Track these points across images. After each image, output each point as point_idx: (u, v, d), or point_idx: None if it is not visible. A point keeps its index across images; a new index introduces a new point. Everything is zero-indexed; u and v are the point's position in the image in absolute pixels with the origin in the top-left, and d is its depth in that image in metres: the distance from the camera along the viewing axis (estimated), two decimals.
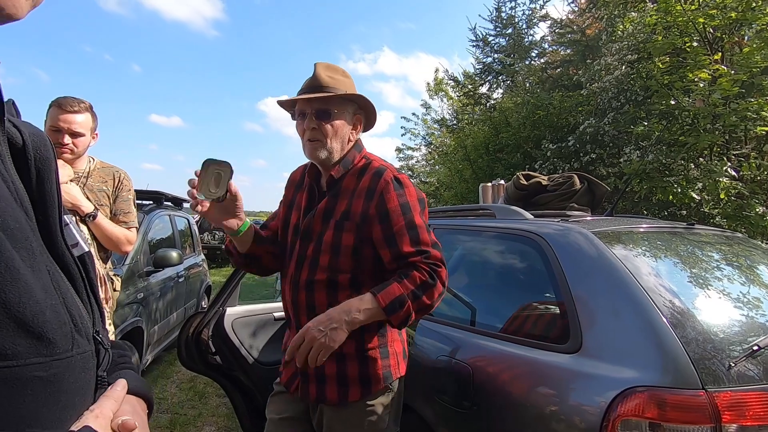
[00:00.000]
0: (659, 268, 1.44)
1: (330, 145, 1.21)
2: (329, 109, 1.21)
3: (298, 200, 1.33)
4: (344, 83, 1.24)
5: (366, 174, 1.23)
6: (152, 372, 3.72)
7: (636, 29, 5.19)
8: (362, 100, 1.27)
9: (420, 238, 1.16)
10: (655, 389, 1.01)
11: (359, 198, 1.21)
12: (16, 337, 0.39)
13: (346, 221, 1.20)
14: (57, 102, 1.68)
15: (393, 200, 1.17)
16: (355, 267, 1.20)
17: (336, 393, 1.19)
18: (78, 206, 1.67)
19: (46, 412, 0.42)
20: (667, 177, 4.28)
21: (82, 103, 1.70)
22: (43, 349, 0.41)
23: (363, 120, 1.31)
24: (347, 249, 1.19)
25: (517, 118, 7.11)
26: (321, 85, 1.21)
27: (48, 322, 0.42)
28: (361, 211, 1.19)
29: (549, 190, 2.13)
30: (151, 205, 3.85)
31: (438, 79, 12.46)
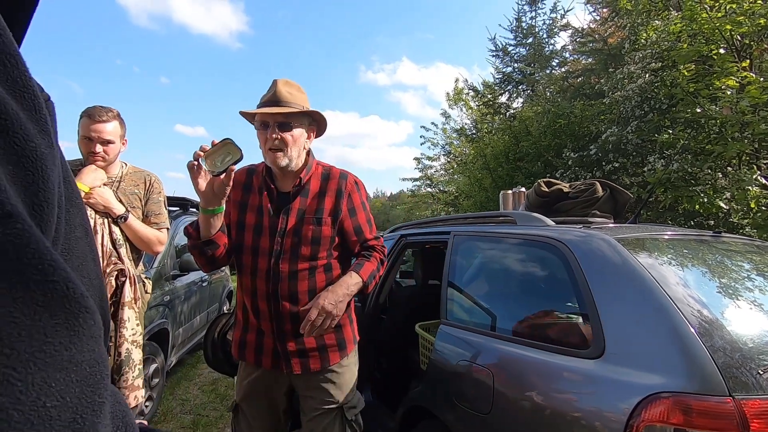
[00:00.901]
0: (684, 275, 1.42)
1: (290, 153, 1.39)
2: (289, 122, 1.38)
3: (252, 201, 1.46)
4: (301, 98, 1.42)
5: (332, 178, 1.47)
6: (176, 374, 3.81)
7: (660, 37, 5.12)
8: (316, 114, 1.45)
9: (373, 227, 1.54)
10: (681, 395, 1.00)
11: (330, 198, 1.45)
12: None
13: (322, 217, 1.43)
14: (87, 112, 1.75)
15: (357, 199, 1.49)
16: (329, 254, 1.45)
17: (319, 362, 1.44)
18: (110, 208, 1.76)
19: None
20: (693, 186, 4.18)
21: (110, 112, 1.78)
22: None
23: (315, 130, 1.50)
24: (327, 240, 1.43)
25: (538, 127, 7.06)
26: (281, 100, 1.38)
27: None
28: (333, 208, 1.44)
29: (571, 197, 2.12)
30: (177, 211, 3.98)
31: (458, 88, 12.50)
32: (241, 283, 1.47)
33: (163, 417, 3.00)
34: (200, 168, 1.21)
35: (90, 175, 1.73)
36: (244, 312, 1.49)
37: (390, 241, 2.73)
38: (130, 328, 1.79)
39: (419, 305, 2.78)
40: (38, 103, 0.25)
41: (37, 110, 0.25)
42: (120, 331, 1.75)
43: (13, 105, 0.23)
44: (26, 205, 0.23)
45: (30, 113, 0.24)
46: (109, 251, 1.75)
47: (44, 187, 0.25)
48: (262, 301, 1.41)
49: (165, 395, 3.28)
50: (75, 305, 0.23)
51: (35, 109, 0.25)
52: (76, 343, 0.22)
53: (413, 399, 1.88)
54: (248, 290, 1.44)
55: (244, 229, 1.44)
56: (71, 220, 0.35)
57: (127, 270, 1.79)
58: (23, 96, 0.24)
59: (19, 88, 0.24)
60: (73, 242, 0.34)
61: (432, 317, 2.34)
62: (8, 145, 0.22)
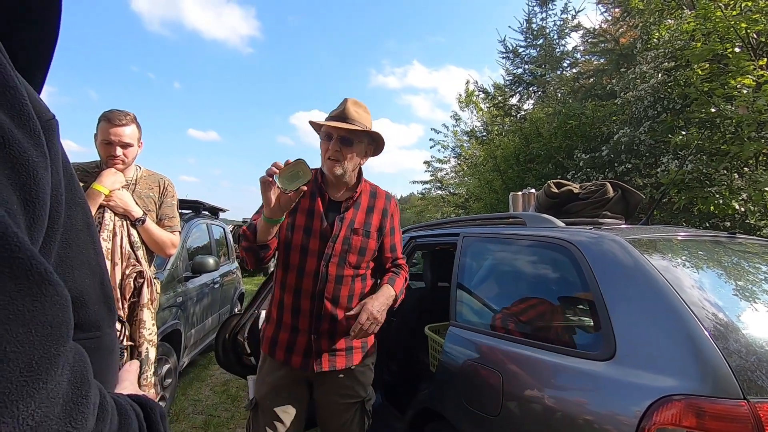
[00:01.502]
0: (698, 277, 1.40)
1: (346, 165, 1.50)
2: (351, 138, 1.50)
3: (304, 204, 1.55)
4: (365, 119, 1.53)
5: (379, 198, 1.63)
6: (188, 375, 3.85)
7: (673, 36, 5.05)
8: (376, 135, 1.56)
9: (402, 248, 1.74)
10: (694, 398, 0.98)
11: (377, 215, 1.61)
12: (104, 311, 0.46)
13: (370, 230, 1.57)
14: (106, 117, 1.77)
15: (397, 220, 1.67)
16: (367, 265, 1.58)
17: (344, 361, 1.55)
18: (129, 211, 1.79)
19: (108, 372, 0.49)
20: (709, 187, 4.11)
21: (128, 116, 1.81)
22: (111, 321, 0.48)
23: (373, 149, 1.62)
24: (370, 252, 1.57)
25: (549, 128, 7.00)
26: (348, 117, 1.49)
27: (113, 297, 0.50)
28: (380, 225, 1.60)
29: (581, 198, 2.10)
30: (190, 214, 4.03)
31: (469, 90, 12.47)
32: (284, 281, 1.53)
33: (176, 417, 3.03)
34: (273, 183, 1.30)
35: (110, 179, 1.76)
36: (280, 310, 1.55)
37: None
38: (148, 329, 1.82)
39: (429, 307, 2.78)
40: (33, 123, 0.32)
41: (31, 129, 0.32)
42: (140, 332, 1.79)
43: (10, 126, 0.30)
44: (20, 200, 0.30)
45: (25, 131, 0.32)
46: (127, 253, 1.78)
47: (35, 187, 0.32)
48: (305, 299, 1.50)
49: (177, 395, 3.31)
50: (37, 277, 0.28)
51: (30, 128, 0.32)
52: (38, 306, 0.28)
53: (422, 401, 1.87)
54: (292, 288, 1.51)
55: (294, 230, 1.52)
56: (73, 215, 0.42)
57: (146, 272, 1.83)
58: (20, 118, 0.31)
59: (17, 113, 0.31)
60: (74, 234, 0.42)
61: (441, 319, 2.33)
62: (6, 155, 0.29)
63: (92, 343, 0.44)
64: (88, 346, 0.43)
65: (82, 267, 0.42)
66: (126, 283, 1.75)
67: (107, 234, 1.73)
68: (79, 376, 0.32)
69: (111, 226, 1.74)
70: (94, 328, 0.44)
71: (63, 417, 0.29)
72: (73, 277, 0.41)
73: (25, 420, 0.26)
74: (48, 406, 0.28)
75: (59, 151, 0.38)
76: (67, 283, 0.40)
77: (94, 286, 0.44)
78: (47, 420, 0.27)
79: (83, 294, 0.42)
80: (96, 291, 0.44)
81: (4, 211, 0.28)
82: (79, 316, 0.42)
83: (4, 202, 0.28)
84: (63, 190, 0.38)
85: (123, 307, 1.75)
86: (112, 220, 1.75)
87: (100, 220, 1.73)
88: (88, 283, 0.43)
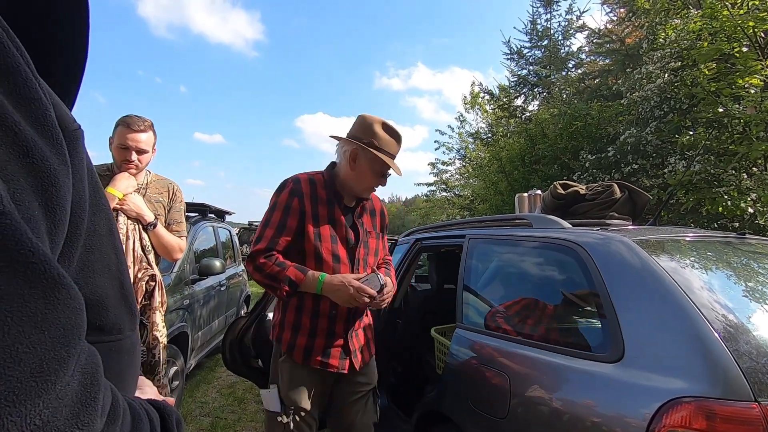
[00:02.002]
0: (707, 278, 1.38)
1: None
2: (390, 174, 1.68)
3: (323, 212, 1.57)
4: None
5: (375, 199, 1.76)
6: (194, 377, 3.87)
7: (679, 36, 5.01)
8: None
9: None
10: (704, 400, 0.97)
11: (378, 216, 1.75)
12: (124, 314, 0.47)
13: (378, 231, 1.72)
14: (125, 121, 1.80)
15: (387, 219, 1.81)
16: (377, 264, 1.70)
17: (368, 354, 1.67)
18: (142, 215, 1.81)
19: (129, 375, 0.50)
20: (717, 188, 4.07)
21: (145, 122, 1.83)
22: (132, 324, 0.49)
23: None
24: (381, 252, 1.73)
25: (554, 129, 6.97)
26: (395, 156, 1.65)
27: (134, 301, 0.50)
28: (381, 225, 1.75)
29: (587, 200, 2.09)
30: (196, 217, 4.06)
31: (474, 92, 12.46)
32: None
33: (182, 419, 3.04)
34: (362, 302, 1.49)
35: (123, 183, 1.78)
36: (314, 317, 1.54)
37: (405, 244, 2.73)
38: (159, 331, 1.85)
39: (434, 309, 2.77)
40: (56, 133, 0.34)
41: (54, 139, 0.34)
42: (153, 334, 1.81)
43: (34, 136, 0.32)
44: (41, 206, 0.32)
45: (48, 141, 0.33)
46: (139, 256, 1.80)
47: (56, 194, 0.33)
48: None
49: (184, 398, 3.33)
50: (51, 281, 0.29)
51: (53, 138, 0.34)
52: (51, 309, 0.29)
53: (429, 403, 1.87)
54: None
55: (321, 240, 1.54)
56: (96, 221, 0.43)
57: (157, 275, 1.85)
58: (43, 129, 0.33)
59: (40, 124, 0.33)
60: (96, 239, 0.43)
61: (447, 321, 2.33)
62: (28, 164, 0.31)
63: (114, 346, 0.45)
64: (110, 349, 0.44)
65: (103, 271, 0.43)
66: (138, 286, 1.77)
67: (122, 238, 1.75)
68: (89, 378, 0.33)
69: (124, 229, 1.76)
70: (115, 331, 0.45)
71: (70, 418, 0.29)
72: (94, 281, 0.42)
73: (33, 420, 0.26)
74: (56, 407, 0.28)
75: (83, 160, 0.39)
76: (88, 287, 0.41)
77: (115, 290, 0.45)
78: (54, 420, 0.28)
79: (104, 298, 0.43)
80: (116, 294, 0.45)
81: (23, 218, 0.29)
82: (101, 320, 0.43)
83: (26, 209, 0.30)
84: (87, 197, 0.39)
85: None
86: (126, 224, 1.77)
87: None
88: (109, 286, 0.44)
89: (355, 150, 1.58)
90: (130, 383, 0.50)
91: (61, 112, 0.37)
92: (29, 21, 0.40)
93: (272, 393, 1.56)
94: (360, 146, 1.56)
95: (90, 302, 0.41)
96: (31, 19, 0.40)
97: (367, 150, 1.55)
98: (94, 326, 0.42)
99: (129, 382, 0.50)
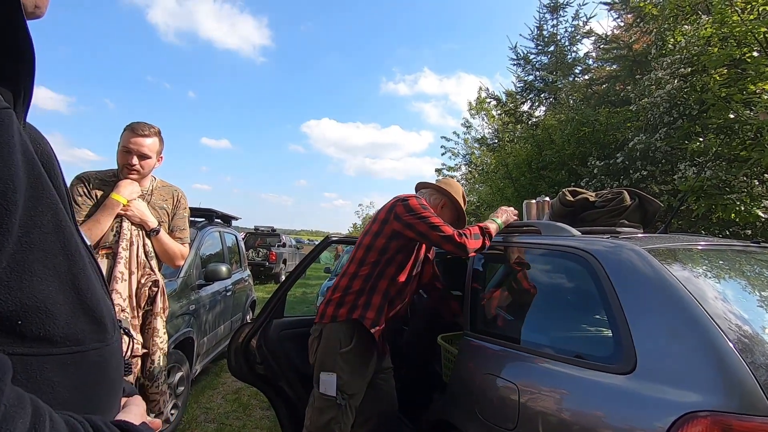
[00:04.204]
0: (721, 287, 1.35)
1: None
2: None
3: (420, 255, 1.96)
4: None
5: None
6: (200, 382, 3.86)
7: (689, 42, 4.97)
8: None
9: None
10: (721, 414, 0.94)
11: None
12: (84, 324, 0.43)
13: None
14: (131, 126, 1.81)
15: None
16: None
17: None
18: (145, 221, 1.81)
19: (99, 390, 0.46)
20: (728, 194, 4.00)
21: (152, 128, 1.84)
22: (99, 335, 0.45)
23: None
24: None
25: (561, 135, 6.93)
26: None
27: (103, 310, 0.46)
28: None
29: (597, 207, 2.06)
30: (203, 222, 4.07)
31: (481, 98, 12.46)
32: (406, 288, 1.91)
33: (188, 425, 3.03)
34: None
35: (127, 188, 1.79)
36: (392, 307, 1.87)
37: None
38: (160, 337, 1.84)
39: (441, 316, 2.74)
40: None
41: None
42: (153, 340, 1.80)
43: None
44: None
45: None
46: (143, 262, 1.80)
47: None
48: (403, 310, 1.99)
49: (189, 403, 3.32)
50: None
51: None
52: None
53: (436, 412, 1.84)
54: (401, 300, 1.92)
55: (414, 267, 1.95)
56: (37, 216, 0.38)
57: (160, 281, 1.84)
58: None
59: None
60: (36, 236, 0.38)
61: (454, 329, 2.30)
62: None
63: (69, 359, 0.41)
64: (64, 362, 0.40)
65: (46, 274, 0.39)
66: (142, 291, 1.77)
67: (126, 243, 1.75)
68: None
69: (128, 235, 1.76)
70: (70, 342, 0.41)
71: None
72: (31, 284, 0.37)
73: None
74: None
75: (10, 144, 0.35)
76: (23, 291, 0.36)
77: (66, 295, 0.40)
78: None
79: (48, 304, 0.38)
80: (69, 301, 0.41)
81: None
82: (44, 329, 0.38)
83: None
84: (18, 186, 0.35)
85: (137, 316, 1.76)
86: (130, 230, 1.77)
87: (119, 229, 1.75)
88: (56, 291, 0.39)
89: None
90: (103, 400, 0.46)
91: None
92: None
93: (332, 378, 1.71)
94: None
95: (27, 309, 0.36)
96: None
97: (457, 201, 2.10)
98: (36, 336, 0.37)
99: (101, 399, 0.45)
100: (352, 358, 1.74)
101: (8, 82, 0.39)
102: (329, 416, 1.70)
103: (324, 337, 1.77)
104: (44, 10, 0.48)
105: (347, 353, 1.73)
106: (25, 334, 0.36)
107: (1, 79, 0.38)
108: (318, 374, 1.75)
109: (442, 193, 2.03)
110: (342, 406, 1.70)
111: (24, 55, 0.40)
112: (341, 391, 1.71)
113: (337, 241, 2.52)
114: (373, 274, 1.79)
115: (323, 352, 1.76)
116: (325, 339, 1.77)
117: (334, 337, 1.75)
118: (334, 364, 1.73)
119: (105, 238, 1.72)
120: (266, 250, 12.38)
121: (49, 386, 0.38)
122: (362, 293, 1.78)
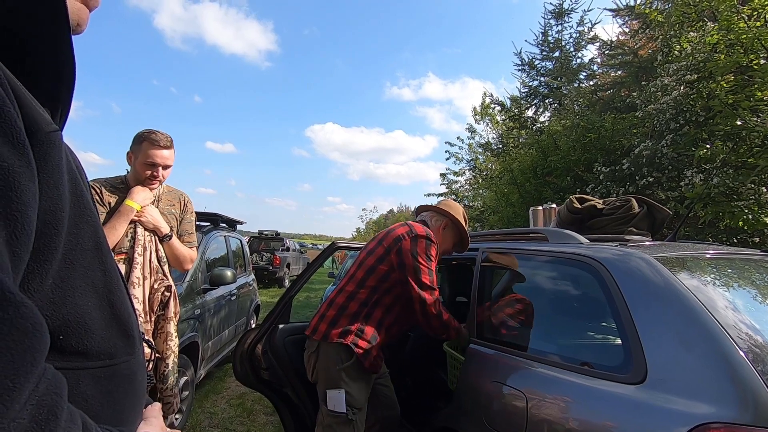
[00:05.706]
0: (731, 296, 1.34)
1: None
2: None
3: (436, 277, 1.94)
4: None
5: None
6: (204, 387, 3.85)
7: (695, 49, 4.96)
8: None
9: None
10: (735, 427, 0.93)
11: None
12: (116, 338, 0.43)
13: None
14: (150, 138, 1.78)
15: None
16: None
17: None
18: (158, 227, 1.82)
19: (126, 402, 0.46)
20: (736, 201, 3.98)
21: (168, 138, 1.83)
22: (128, 348, 0.45)
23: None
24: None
25: (567, 141, 6.92)
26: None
27: (132, 323, 0.46)
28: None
29: (605, 214, 2.05)
30: (208, 226, 4.07)
31: (485, 103, 12.47)
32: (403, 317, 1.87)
33: (192, 430, 3.03)
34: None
35: (140, 194, 1.80)
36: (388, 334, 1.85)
37: None
38: (173, 341, 1.85)
39: None
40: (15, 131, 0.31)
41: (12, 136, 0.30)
42: (167, 344, 1.82)
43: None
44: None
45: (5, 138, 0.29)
46: (155, 267, 1.81)
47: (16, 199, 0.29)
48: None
49: (194, 408, 3.32)
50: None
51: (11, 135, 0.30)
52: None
53: (441, 420, 1.83)
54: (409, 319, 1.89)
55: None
56: (80, 234, 0.39)
57: (172, 286, 1.85)
58: (2, 128, 0.30)
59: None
60: (79, 254, 0.39)
61: None
62: None
63: (103, 372, 0.41)
64: (99, 376, 0.40)
65: (86, 290, 0.39)
66: (155, 297, 1.78)
67: (140, 249, 1.76)
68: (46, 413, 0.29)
69: (142, 241, 1.77)
70: (104, 356, 0.41)
71: None
72: (74, 301, 0.38)
73: None
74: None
75: (60, 165, 0.35)
76: (66, 307, 0.36)
77: (102, 311, 0.41)
78: None
79: (87, 319, 0.39)
80: (105, 316, 0.41)
81: None
82: (83, 344, 0.38)
83: None
84: (65, 205, 0.35)
85: (150, 320, 1.77)
86: (143, 236, 1.78)
87: (133, 236, 1.76)
88: (94, 307, 0.40)
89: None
90: (129, 412, 0.46)
91: (32, 112, 0.34)
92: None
93: (340, 395, 1.69)
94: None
95: (69, 324, 0.37)
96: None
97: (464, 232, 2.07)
98: (74, 350, 0.38)
99: (128, 411, 0.46)
100: (354, 372, 1.74)
101: (50, 101, 0.40)
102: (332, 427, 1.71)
103: (322, 355, 1.77)
104: (84, 27, 0.48)
105: (349, 368, 1.73)
106: (65, 348, 0.36)
107: (45, 97, 0.38)
108: (324, 391, 1.74)
109: (443, 215, 2.04)
110: (354, 421, 1.71)
111: (66, 75, 0.40)
112: (350, 406, 1.70)
113: (344, 247, 2.52)
114: (370, 301, 1.79)
115: (325, 369, 1.76)
116: (323, 356, 1.76)
117: (332, 357, 1.75)
118: (339, 380, 1.73)
119: (120, 243, 1.74)
120: (270, 254, 12.39)
121: (83, 399, 0.38)
122: (356, 319, 1.77)
